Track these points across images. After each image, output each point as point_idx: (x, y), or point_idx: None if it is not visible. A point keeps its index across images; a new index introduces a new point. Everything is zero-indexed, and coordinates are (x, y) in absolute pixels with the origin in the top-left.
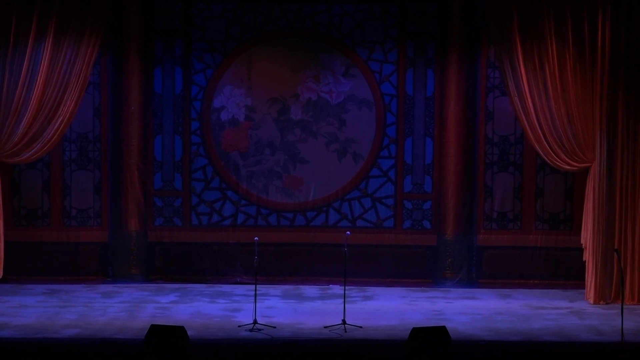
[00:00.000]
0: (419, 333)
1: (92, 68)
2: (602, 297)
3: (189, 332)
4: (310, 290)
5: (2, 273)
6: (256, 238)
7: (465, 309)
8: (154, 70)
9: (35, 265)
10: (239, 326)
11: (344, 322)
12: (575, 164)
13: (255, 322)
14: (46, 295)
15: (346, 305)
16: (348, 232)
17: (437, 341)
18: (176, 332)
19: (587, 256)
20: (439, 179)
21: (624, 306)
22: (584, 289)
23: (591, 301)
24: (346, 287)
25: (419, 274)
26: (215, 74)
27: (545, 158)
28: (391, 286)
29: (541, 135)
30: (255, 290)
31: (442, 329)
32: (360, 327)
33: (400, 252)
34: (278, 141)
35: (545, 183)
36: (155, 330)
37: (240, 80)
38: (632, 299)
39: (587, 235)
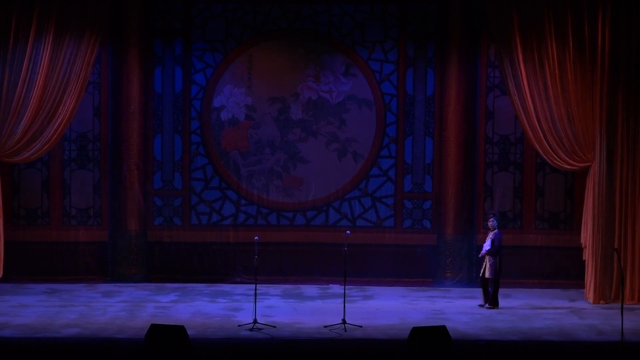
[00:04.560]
0: (419, 332)
1: (92, 67)
2: (602, 297)
3: (189, 332)
4: (310, 289)
5: (2, 273)
6: (256, 237)
7: (466, 309)
8: (154, 69)
9: (35, 265)
10: (239, 325)
11: (344, 321)
12: (575, 163)
13: (255, 321)
14: (46, 294)
15: (346, 305)
16: (348, 232)
17: (437, 341)
18: (176, 332)
19: (587, 256)
20: (439, 178)
21: (624, 306)
22: (584, 288)
23: (591, 301)
24: (346, 287)
25: (419, 274)
26: (215, 74)
27: (545, 157)
28: (391, 285)
29: (541, 134)
30: (256, 289)
31: (442, 329)
32: (361, 326)
33: (400, 251)
34: (278, 140)
35: (545, 182)
36: (156, 330)
37: (240, 79)
38: (632, 299)
39: (587, 235)
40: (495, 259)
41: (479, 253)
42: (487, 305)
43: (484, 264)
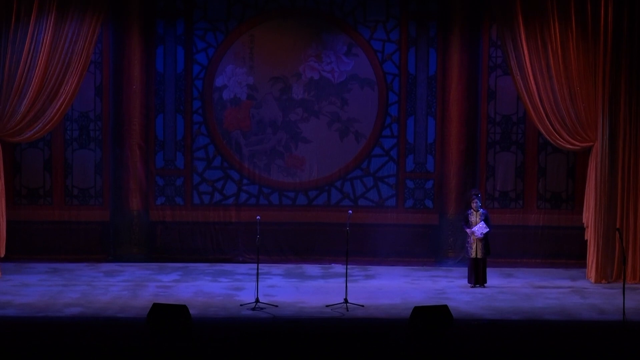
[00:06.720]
0: (421, 312)
1: (94, 47)
2: (603, 276)
3: (191, 311)
4: (312, 269)
5: (4, 252)
6: (258, 217)
7: (467, 288)
8: (156, 49)
9: (37, 244)
10: (241, 305)
11: (346, 300)
12: (577, 143)
13: (257, 300)
14: (48, 274)
15: (348, 284)
16: (350, 211)
17: (439, 320)
18: (178, 311)
19: (589, 235)
20: (441, 158)
21: (626, 285)
22: (586, 268)
23: (593, 280)
24: (348, 266)
25: (421, 253)
26: (217, 53)
27: (547, 137)
28: (393, 265)
29: (543, 114)
30: (258, 269)
31: (444, 308)
32: (362, 305)
33: (402, 231)
34: (280, 120)
35: (547, 162)
36: (158, 309)
37: (242, 59)
38: (633, 278)
39: (588, 215)
40: (487, 237)
41: (472, 234)
42: (482, 284)
43: (474, 245)
